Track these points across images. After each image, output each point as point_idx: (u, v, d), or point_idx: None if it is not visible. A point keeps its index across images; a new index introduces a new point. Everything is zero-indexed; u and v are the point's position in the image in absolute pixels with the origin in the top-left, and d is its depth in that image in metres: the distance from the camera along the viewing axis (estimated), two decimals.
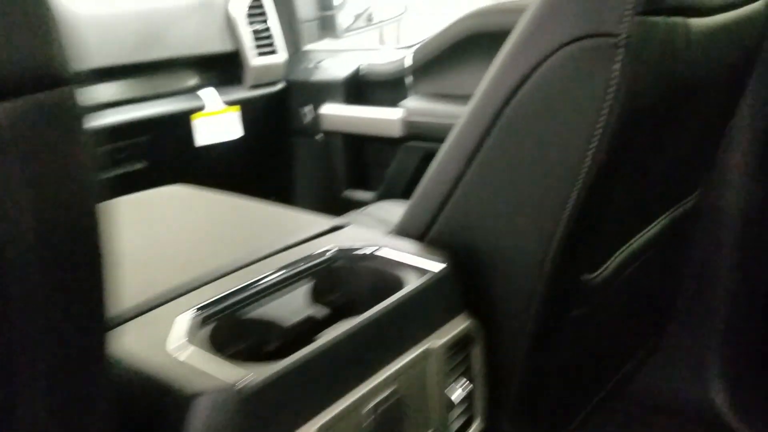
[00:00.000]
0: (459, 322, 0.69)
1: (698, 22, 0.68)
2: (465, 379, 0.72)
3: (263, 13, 1.60)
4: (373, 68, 1.60)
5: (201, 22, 1.49)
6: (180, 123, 1.47)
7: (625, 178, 0.75)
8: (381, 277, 0.69)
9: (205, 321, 0.58)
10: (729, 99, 0.94)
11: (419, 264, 0.69)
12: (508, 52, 0.67)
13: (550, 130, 0.66)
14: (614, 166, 0.69)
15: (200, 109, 1.49)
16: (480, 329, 0.72)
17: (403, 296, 0.63)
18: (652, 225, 0.92)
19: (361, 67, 1.61)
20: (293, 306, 0.64)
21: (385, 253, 0.71)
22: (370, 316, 0.59)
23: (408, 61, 1.54)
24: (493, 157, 0.71)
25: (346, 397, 0.56)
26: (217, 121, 1.51)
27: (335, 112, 1.60)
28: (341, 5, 2.01)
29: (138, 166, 1.44)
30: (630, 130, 0.66)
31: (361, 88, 1.61)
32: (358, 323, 0.58)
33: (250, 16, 1.56)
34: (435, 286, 0.67)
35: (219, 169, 1.62)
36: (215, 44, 1.51)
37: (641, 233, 0.89)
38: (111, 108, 1.36)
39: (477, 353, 0.72)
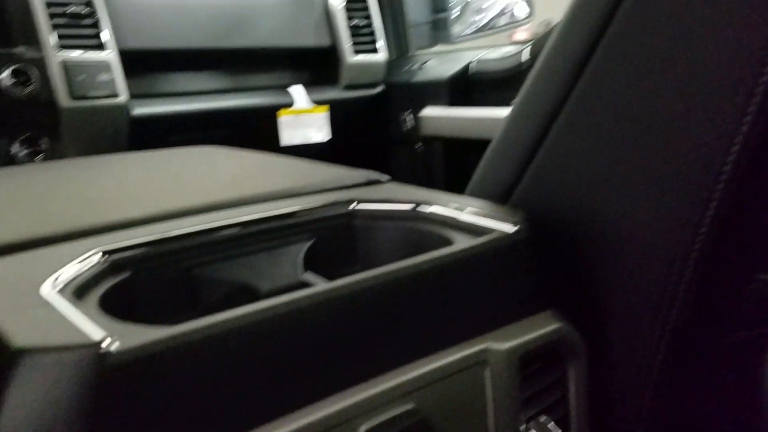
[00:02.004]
0: (543, 322, 0.43)
1: None
2: (549, 420, 0.45)
3: (365, 8, 1.45)
4: (485, 65, 1.38)
5: (297, 13, 1.37)
6: (265, 119, 1.33)
7: None
8: (420, 244, 0.45)
9: (114, 269, 0.37)
10: None
11: (481, 224, 0.44)
12: None
13: (690, 44, 0.40)
14: None
15: (288, 106, 1.35)
16: (580, 341, 0.45)
17: (441, 258, 0.38)
18: None
19: (471, 64, 1.40)
20: (270, 271, 0.42)
21: (434, 210, 0.47)
22: (373, 277, 0.35)
23: (526, 56, 1.31)
24: (601, 87, 0.46)
25: (314, 409, 0.32)
26: (305, 121, 1.36)
27: (437, 114, 1.39)
28: (464, 9, 1.83)
29: None
30: None
31: (469, 88, 1.40)
32: (351, 284, 0.35)
33: (349, 9, 1.42)
34: (503, 255, 0.42)
35: None
36: (310, 37, 1.38)
37: None
38: (188, 96, 1.25)
39: (575, 377, 0.45)
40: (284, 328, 0.32)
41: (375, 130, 1.53)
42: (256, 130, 1.34)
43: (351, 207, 0.48)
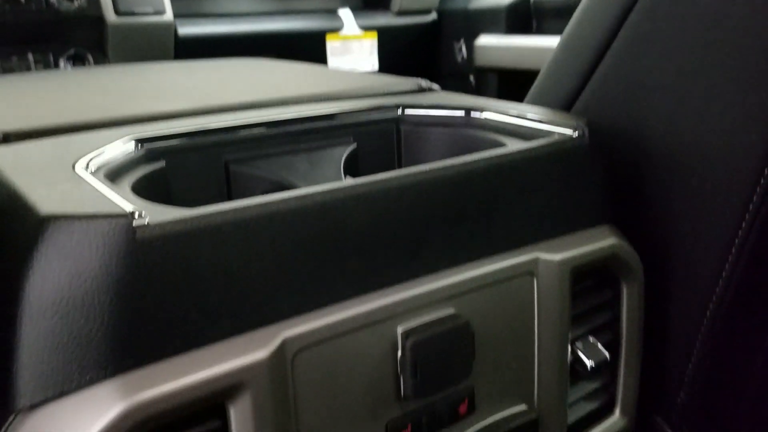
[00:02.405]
0: (599, 237, 0.40)
1: None
2: (597, 341, 0.42)
3: None
4: None
5: None
6: (312, 44, 1.30)
7: None
8: (472, 152, 0.43)
9: (149, 157, 0.36)
10: None
11: (539, 128, 0.41)
12: None
13: None
14: None
15: (336, 30, 1.31)
16: (638, 261, 0.42)
17: (493, 158, 0.36)
18: None
19: None
20: (310, 172, 0.40)
21: (488, 116, 0.44)
22: (418, 173, 0.33)
23: None
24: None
25: (350, 306, 0.31)
26: (352, 48, 1.32)
27: (494, 43, 1.33)
28: None
29: None
30: None
31: (530, 17, 1.33)
32: (394, 179, 0.32)
33: None
34: (560, 160, 0.39)
35: None
36: None
37: None
38: (235, 18, 1.22)
39: (629, 299, 0.42)
40: (321, 218, 0.30)
41: (425, 60, 1.48)
42: (302, 56, 1.31)
43: (398, 112, 0.45)
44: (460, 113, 0.45)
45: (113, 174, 0.33)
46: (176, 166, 0.37)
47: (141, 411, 0.25)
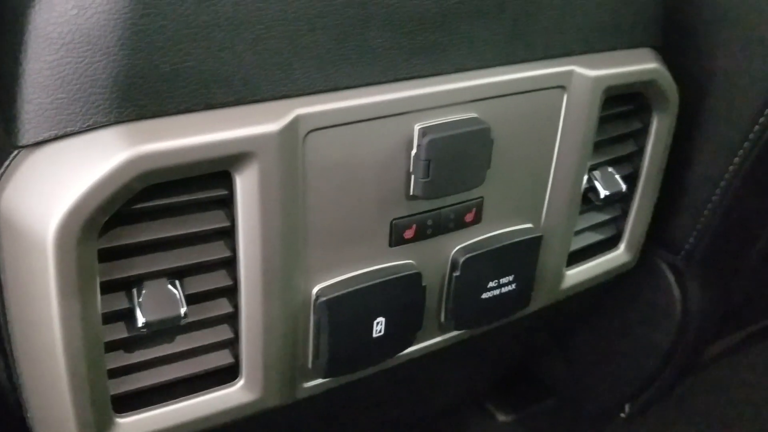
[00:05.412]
0: (639, 59, 0.37)
1: None
2: (615, 172, 0.41)
3: None
4: None
5: None
6: None
7: None
8: None
9: None
10: None
11: None
12: None
13: None
14: None
15: None
16: (675, 91, 0.40)
17: None
18: None
19: None
20: None
21: None
22: None
23: None
24: None
25: (371, 92, 0.29)
26: None
27: None
28: None
29: None
30: None
31: None
32: None
33: None
34: None
35: None
36: None
37: None
38: None
39: (657, 131, 0.41)
40: None
41: None
42: None
43: None
44: None
45: None
46: None
47: (145, 162, 0.24)
